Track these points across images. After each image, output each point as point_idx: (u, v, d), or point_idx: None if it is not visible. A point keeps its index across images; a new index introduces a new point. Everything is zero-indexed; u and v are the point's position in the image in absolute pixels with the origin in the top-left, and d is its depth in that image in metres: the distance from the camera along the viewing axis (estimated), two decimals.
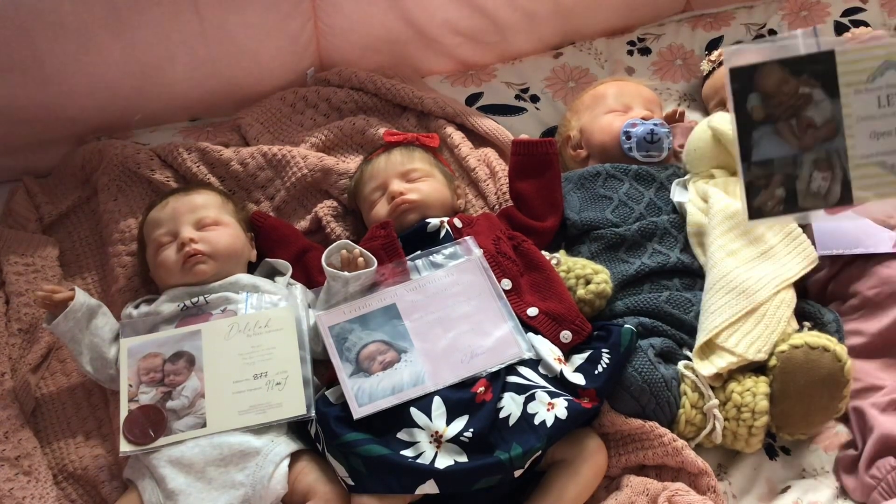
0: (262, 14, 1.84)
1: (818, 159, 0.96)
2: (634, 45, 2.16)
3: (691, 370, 1.42)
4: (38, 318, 1.61)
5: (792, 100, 0.96)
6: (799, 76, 0.95)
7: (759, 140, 0.97)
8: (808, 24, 2.12)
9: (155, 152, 1.81)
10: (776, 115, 0.96)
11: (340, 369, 1.40)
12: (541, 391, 1.35)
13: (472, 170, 1.82)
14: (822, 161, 0.96)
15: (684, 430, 1.40)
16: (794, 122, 0.96)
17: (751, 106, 0.97)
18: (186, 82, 1.89)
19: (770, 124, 0.96)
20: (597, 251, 1.61)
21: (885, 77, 0.94)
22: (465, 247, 1.54)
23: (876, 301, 1.50)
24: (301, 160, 1.78)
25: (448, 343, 1.42)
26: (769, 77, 0.96)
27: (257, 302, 1.52)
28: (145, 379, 1.41)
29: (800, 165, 0.97)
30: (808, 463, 1.43)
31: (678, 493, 1.31)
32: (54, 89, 1.77)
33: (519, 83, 2.06)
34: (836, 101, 0.95)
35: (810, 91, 0.96)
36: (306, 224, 1.76)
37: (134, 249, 1.66)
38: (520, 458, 1.29)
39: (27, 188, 1.84)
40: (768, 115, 0.97)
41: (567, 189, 1.71)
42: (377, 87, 1.95)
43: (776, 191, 0.97)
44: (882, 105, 0.94)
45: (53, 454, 1.49)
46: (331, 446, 1.34)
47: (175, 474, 1.33)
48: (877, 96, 0.94)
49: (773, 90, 0.97)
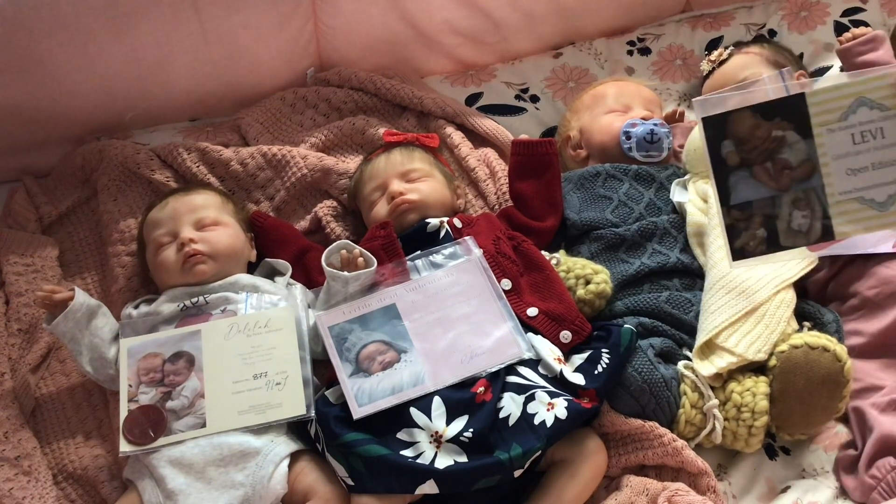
0: (262, 14, 1.83)
1: (797, 199, 0.99)
2: (634, 45, 2.16)
3: (691, 370, 1.42)
4: (37, 318, 1.61)
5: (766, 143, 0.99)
6: (771, 120, 0.98)
7: (736, 184, 1.00)
8: (809, 24, 2.12)
9: (155, 152, 1.81)
10: (751, 159, 0.99)
11: (340, 369, 1.40)
12: (541, 391, 1.35)
13: (472, 170, 1.82)
14: (800, 200, 0.99)
15: (684, 430, 1.40)
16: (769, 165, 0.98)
17: (725, 152, 0.99)
18: (186, 82, 1.89)
19: (746, 168, 0.99)
20: (597, 251, 1.61)
21: (857, 114, 0.96)
22: (464, 247, 1.54)
23: (876, 301, 1.50)
24: (301, 160, 1.78)
25: (448, 343, 1.42)
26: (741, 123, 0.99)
27: (257, 302, 1.52)
28: (145, 379, 1.41)
29: (779, 206, 0.99)
30: (808, 463, 1.43)
31: (678, 493, 1.31)
32: (54, 89, 1.77)
33: (519, 83, 2.06)
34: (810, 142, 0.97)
35: (783, 134, 0.98)
36: (306, 224, 1.76)
37: (134, 250, 1.66)
38: (519, 458, 1.29)
39: (27, 188, 1.84)
40: (743, 160, 0.99)
41: (567, 189, 1.71)
42: (377, 87, 1.95)
43: (757, 231, 1.00)
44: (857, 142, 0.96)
45: (53, 454, 1.49)
46: (331, 446, 1.34)
47: (175, 474, 1.33)
48: (850, 133, 0.96)
49: (746, 136, 0.99)
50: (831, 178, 0.97)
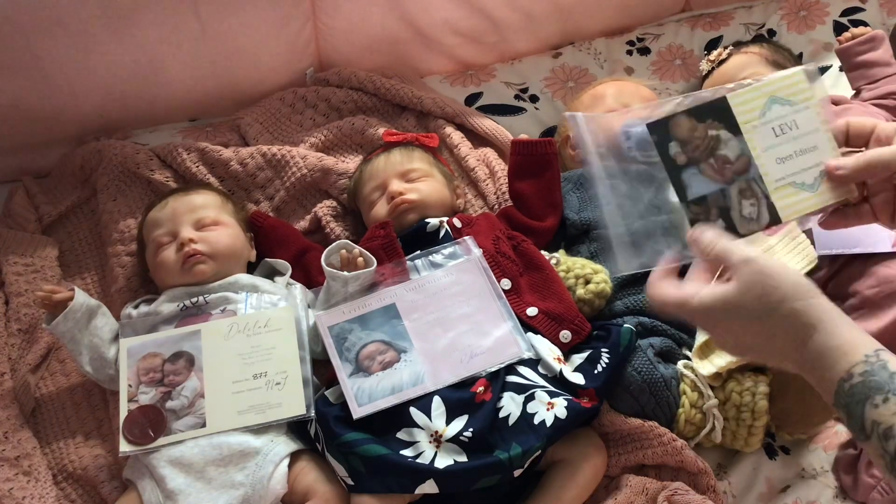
0: (261, 14, 1.83)
1: (742, 189, 1.08)
2: (634, 44, 2.16)
3: (691, 370, 1.42)
4: (37, 318, 1.61)
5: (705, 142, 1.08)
6: (704, 121, 1.08)
7: (689, 181, 1.09)
8: (808, 23, 2.12)
9: (154, 152, 1.81)
10: (696, 157, 1.08)
11: (340, 369, 1.40)
12: (540, 391, 1.35)
13: (472, 170, 1.82)
14: (746, 190, 1.08)
15: (684, 430, 1.40)
16: (712, 161, 1.08)
17: (673, 153, 1.09)
18: (186, 82, 1.89)
19: (694, 166, 1.08)
20: (596, 251, 1.61)
21: (772, 111, 1.08)
22: (464, 247, 1.54)
23: (876, 301, 1.50)
24: (300, 160, 1.78)
25: (447, 343, 1.42)
26: (680, 126, 1.09)
27: (257, 302, 1.52)
28: (145, 379, 1.41)
29: (728, 197, 1.08)
30: (807, 463, 1.43)
31: (677, 493, 1.31)
32: (54, 89, 1.77)
33: (518, 83, 2.06)
34: (741, 138, 1.08)
35: (717, 133, 1.08)
36: (306, 224, 1.76)
37: (133, 249, 1.66)
38: (519, 457, 1.29)
39: (27, 188, 1.84)
40: (690, 159, 1.09)
41: (567, 189, 1.71)
42: (377, 87, 1.95)
43: (716, 223, 1.08)
44: (777, 134, 1.07)
45: (53, 454, 1.49)
46: (330, 446, 1.34)
47: (175, 474, 1.33)
48: (771, 128, 1.08)
49: (686, 137, 1.09)
50: (765, 167, 1.07)
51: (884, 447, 0.84)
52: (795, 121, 1.07)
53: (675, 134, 1.09)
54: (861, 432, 0.87)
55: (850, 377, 0.87)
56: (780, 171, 1.07)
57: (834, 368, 0.89)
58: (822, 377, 0.90)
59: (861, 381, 0.86)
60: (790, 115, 1.08)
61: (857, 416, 0.87)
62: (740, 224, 1.07)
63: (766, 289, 0.92)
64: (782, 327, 0.92)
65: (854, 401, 0.87)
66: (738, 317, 0.94)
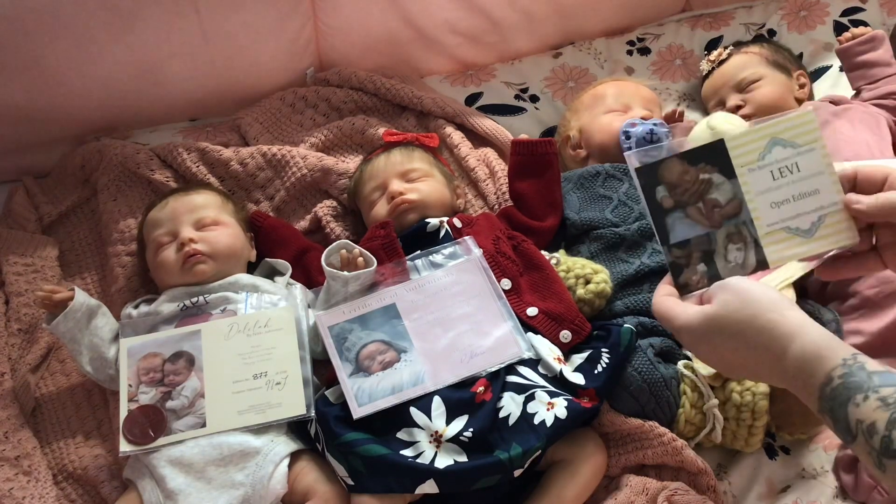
0: (261, 14, 1.84)
1: (730, 233, 1.07)
2: (634, 44, 2.16)
3: (691, 370, 1.42)
4: (37, 318, 1.61)
5: (694, 186, 1.08)
6: (696, 165, 1.07)
7: (673, 224, 1.08)
8: (808, 23, 2.12)
9: (154, 152, 1.81)
10: (683, 201, 1.08)
11: (340, 369, 1.40)
12: (540, 391, 1.35)
13: (472, 170, 1.82)
14: (734, 234, 1.07)
15: (684, 430, 1.40)
16: (700, 205, 1.07)
17: (660, 197, 1.08)
18: (186, 82, 1.89)
19: (680, 210, 1.08)
20: (596, 251, 1.61)
21: (773, 153, 1.06)
22: (464, 247, 1.54)
23: (875, 301, 1.50)
24: (301, 160, 1.78)
25: (448, 343, 1.42)
26: (670, 170, 1.08)
27: (257, 302, 1.52)
28: (145, 379, 1.41)
29: (714, 241, 1.08)
30: (807, 463, 1.43)
31: (677, 493, 1.31)
32: (54, 89, 1.77)
33: (518, 83, 2.06)
34: (734, 181, 1.07)
35: (710, 176, 1.07)
36: (306, 224, 1.76)
37: (133, 249, 1.66)
38: (519, 457, 1.29)
39: (27, 188, 1.84)
40: (677, 203, 1.08)
41: (567, 189, 1.71)
42: (377, 86, 1.95)
43: (698, 267, 1.08)
44: (776, 178, 1.06)
45: (53, 454, 1.49)
46: (330, 446, 1.34)
47: (175, 474, 1.33)
48: (769, 171, 1.06)
49: (676, 181, 1.08)
50: (758, 211, 1.07)
51: (870, 444, 0.85)
52: (797, 163, 1.06)
53: (665, 178, 1.08)
54: (847, 434, 0.88)
55: (831, 381, 0.89)
56: (774, 215, 1.06)
57: (815, 375, 0.91)
58: (804, 385, 0.92)
59: (841, 382, 0.88)
60: (792, 158, 1.06)
61: (841, 418, 0.88)
62: (723, 269, 1.07)
63: (742, 304, 0.97)
64: (761, 341, 0.95)
65: (837, 403, 0.88)
66: (720, 334, 0.98)
